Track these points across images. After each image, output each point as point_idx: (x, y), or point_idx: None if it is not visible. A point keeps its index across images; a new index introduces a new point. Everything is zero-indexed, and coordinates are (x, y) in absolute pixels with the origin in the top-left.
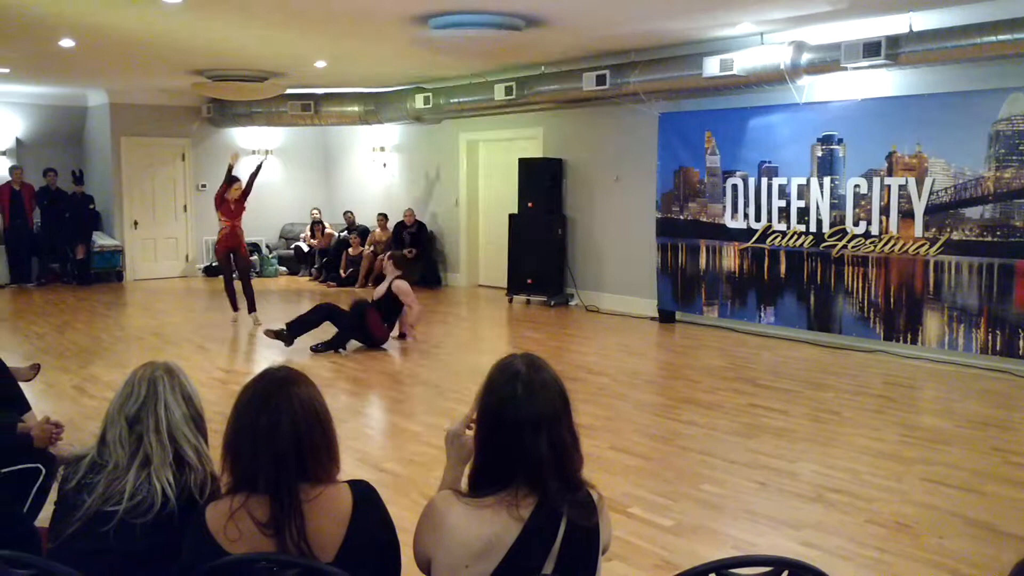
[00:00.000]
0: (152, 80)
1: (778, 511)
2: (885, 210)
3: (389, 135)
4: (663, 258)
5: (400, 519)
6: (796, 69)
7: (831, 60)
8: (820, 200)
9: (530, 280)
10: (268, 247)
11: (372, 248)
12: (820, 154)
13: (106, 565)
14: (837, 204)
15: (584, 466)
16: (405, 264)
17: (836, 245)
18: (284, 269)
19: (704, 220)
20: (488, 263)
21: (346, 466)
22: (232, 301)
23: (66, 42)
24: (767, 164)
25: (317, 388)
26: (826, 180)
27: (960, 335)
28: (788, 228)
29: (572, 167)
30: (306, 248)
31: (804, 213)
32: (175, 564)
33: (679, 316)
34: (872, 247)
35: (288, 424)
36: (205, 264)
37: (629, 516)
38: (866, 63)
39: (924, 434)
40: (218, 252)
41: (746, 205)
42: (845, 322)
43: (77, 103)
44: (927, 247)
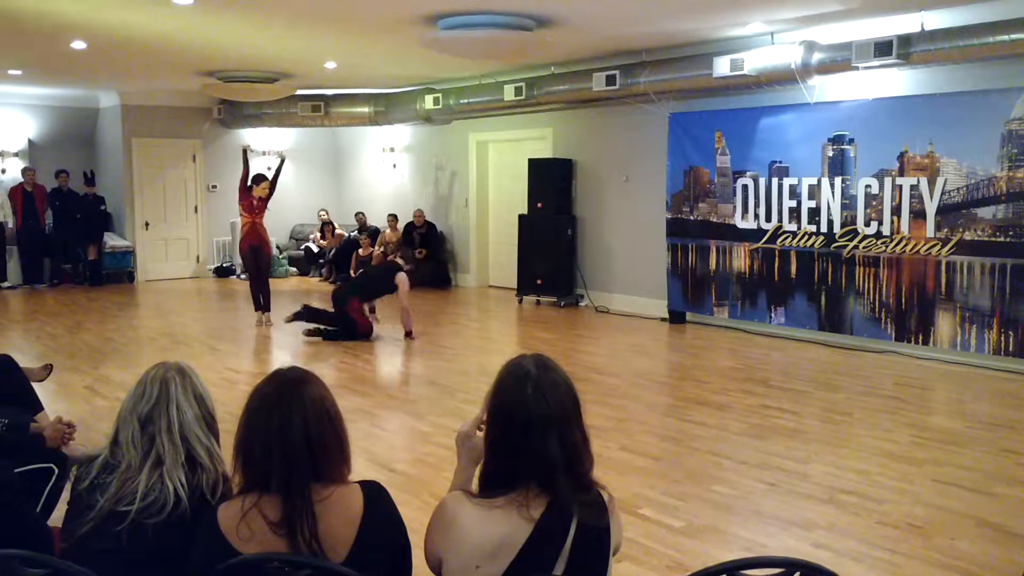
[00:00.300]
0: (163, 81)
1: (789, 512)
2: (897, 210)
3: (399, 136)
4: (673, 258)
5: (411, 520)
6: (807, 69)
7: (842, 59)
8: (831, 200)
9: (540, 280)
10: (278, 247)
11: (382, 249)
12: (831, 154)
13: (118, 565)
14: (848, 204)
15: (594, 467)
16: (413, 264)
17: (847, 245)
18: (294, 270)
19: (714, 220)
20: (498, 263)
21: (356, 467)
22: (255, 301)
23: (78, 44)
24: (778, 164)
25: (328, 388)
26: (837, 180)
27: (972, 336)
28: (799, 228)
29: (582, 167)
30: (316, 249)
31: (815, 213)
32: (187, 564)
33: (689, 317)
34: (884, 247)
35: (300, 424)
36: (216, 265)
37: (640, 517)
38: (877, 62)
39: (936, 435)
40: (242, 250)
41: (757, 205)
42: (856, 323)
43: (89, 105)
44: (939, 247)
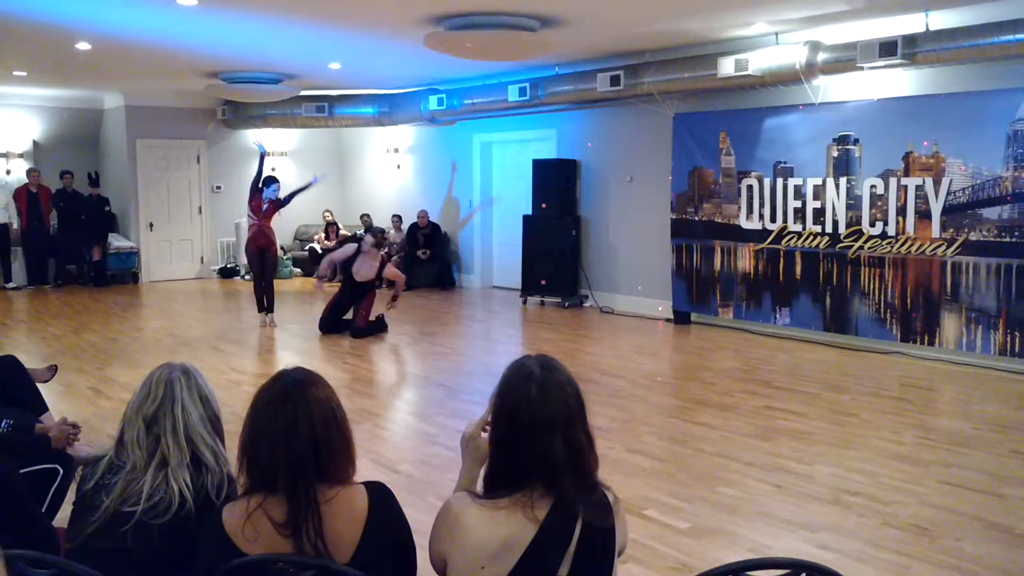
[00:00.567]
0: (167, 82)
1: (795, 514)
2: (902, 211)
3: (403, 136)
4: (678, 259)
5: (415, 521)
6: (811, 69)
7: (847, 60)
8: (836, 201)
9: (544, 281)
10: (283, 248)
11: (386, 250)
12: (836, 154)
13: (124, 565)
14: (853, 205)
15: (599, 468)
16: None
17: (852, 246)
18: (299, 270)
19: (719, 221)
20: (502, 264)
21: (361, 467)
22: (259, 303)
23: (82, 45)
24: (782, 164)
25: (333, 389)
26: (842, 180)
27: (978, 337)
28: (804, 229)
29: (586, 168)
30: (320, 249)
31: (820, 214)
32: (192, 565)
33: (694, 318)
34: (889, 248)
35: (305, 425)
36: (220, 266)
37: (645, 518)
38: (882, 63)
39: (942, 436)
40: (248, 251)
41: (761, 206)
42: (861, 324)
43: (93, 106)
44: (944, 248)
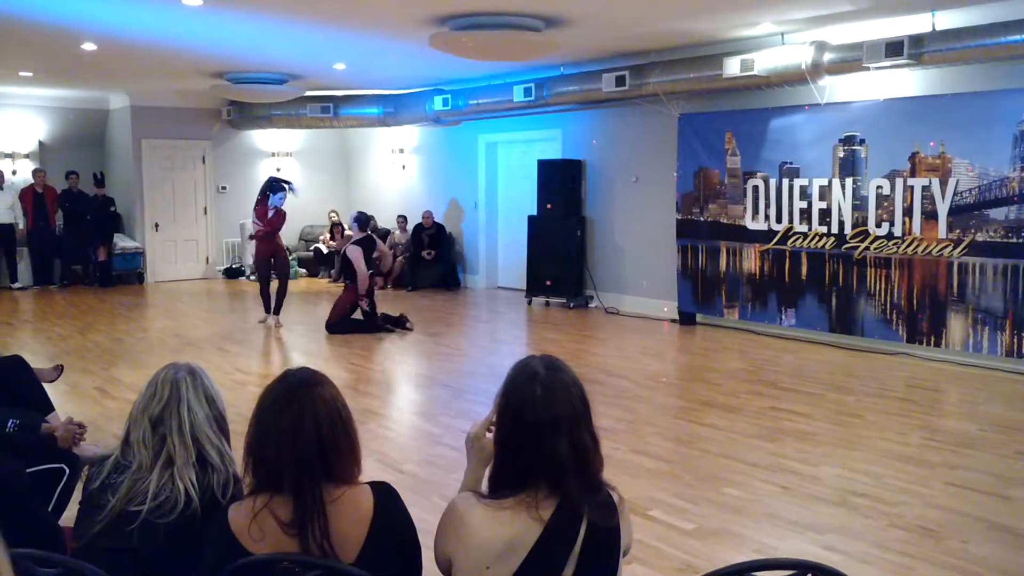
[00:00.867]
0: (173, 83)
1: (800, 515)
2: (908, 211)
3: (408, 137)
4: (683, 260)
5: (420, 521)
6: (817, 69)
7: (853, 60)
8: (842, 201)
9: (549, 282)
10: (288, 249)
11: (392, 250)
12: (842, 155)
13: (130, 564)
14: (859, 205)
15: (604, 469)
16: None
17: (858, 247)
18: (304, 271)
19: (724, 221)
20: (507, 265)
21: (366, 468)
22: (266, 304)
23: (88, 46)
24: (788, 165)
25: (338, 389)
26: (848, 181)
27: (984, 338)
28: (809, 229)
29: (591, 168)
30: (325, 250)
31: (826, 214)
32: (198, 564)
33: (700, 318)
34: (895, 249)
35: (311, 425)
36: (225, 266)
37: (650, 519)
38: (888, 63)
39: (948, 438)
40: (257, 256)
41: (767, 206)
42: (867, 324)
43: (99, 106)
44: (951, 249)
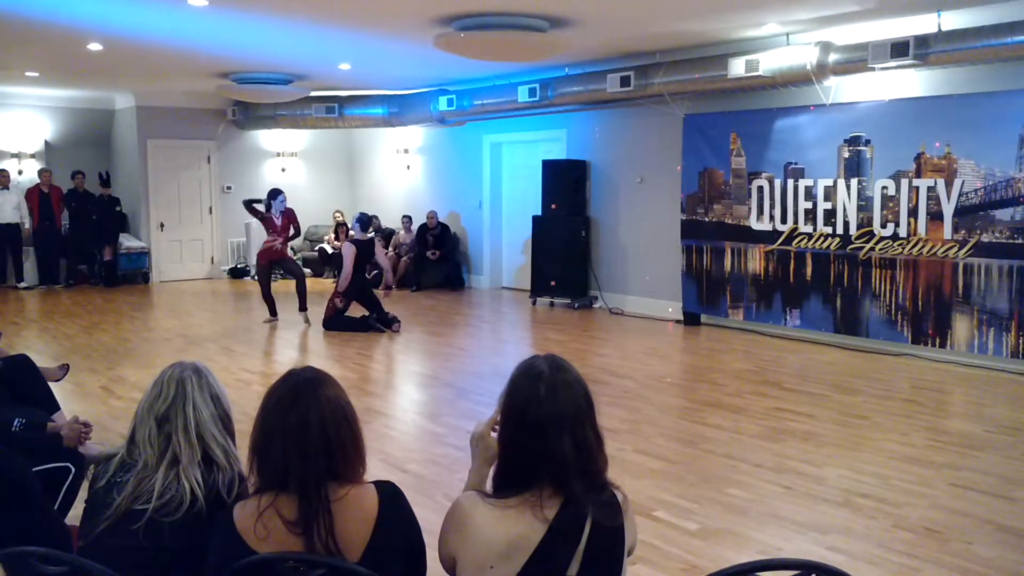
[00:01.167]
0: (178, 83)
1: (805, 516)
2: (913, 212)
3: (413, 137)
4: (688, 260)
5: (425, 520)
6: (823, 69)
7: (858, 60)
8: (847, 202)
9: (554, 282)
10: (292, 249)
11: (396, 250)
12: (847, 155)
13: (135, 563)
14: (864, 206)
15: (609, 469)
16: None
17: (863, 247)
18: (308, 271)
19: (729, 222)
20: (511, 265)
21: (370, 467)
22: (271, 307)
23: (94, 46)
24: (793, 165)
25: (342, 388)
26: (853, 182)
27: (990, 339)
28: (814, 230)
29: (596, 169)
30: (330, 250)
31: (831, 215)
32: (203, 563)
33: (704, 319)
34: (900, 249)
35: (317, 423)
36: (230, 266)
37: (654, 520)
38: (894, 63)
39: (953, 439)
40: (259, 263)
41: (772, 207)
42: (872, 325)
43: (104, 106)
44: (956, 249)
